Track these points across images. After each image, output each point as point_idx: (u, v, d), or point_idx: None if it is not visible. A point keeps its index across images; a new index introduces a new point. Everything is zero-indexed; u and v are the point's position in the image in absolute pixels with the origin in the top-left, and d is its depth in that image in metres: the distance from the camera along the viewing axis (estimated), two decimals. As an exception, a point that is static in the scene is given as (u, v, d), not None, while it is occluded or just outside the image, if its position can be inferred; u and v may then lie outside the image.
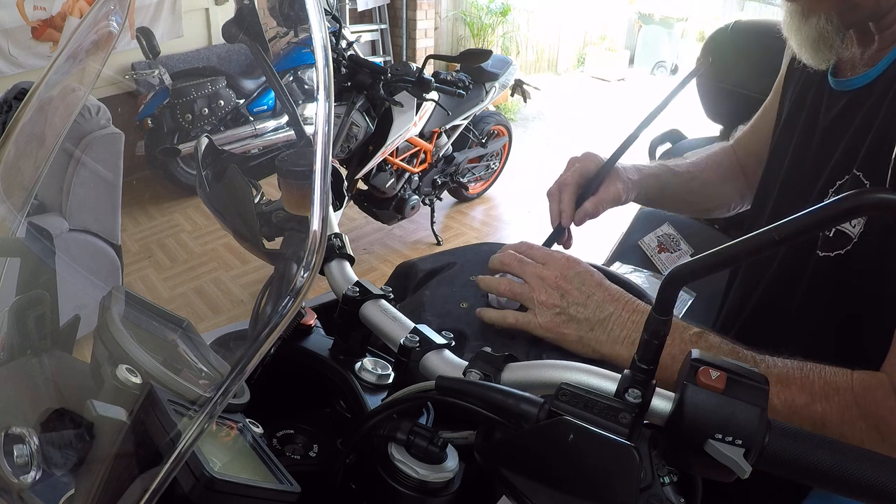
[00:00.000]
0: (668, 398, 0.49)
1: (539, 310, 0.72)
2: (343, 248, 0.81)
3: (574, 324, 0.71)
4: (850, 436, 0.61)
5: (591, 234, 1.44)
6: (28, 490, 0.49)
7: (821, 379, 0.63)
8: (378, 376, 0.71)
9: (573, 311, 0.72)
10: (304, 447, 0.66)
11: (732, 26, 1.65)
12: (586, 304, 0.72)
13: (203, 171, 0.87)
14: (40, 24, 4.00)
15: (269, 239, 0.82)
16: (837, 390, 0.62)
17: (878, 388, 0.62)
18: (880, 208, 0.38)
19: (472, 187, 4.27)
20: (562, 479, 0.49)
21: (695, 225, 1.62)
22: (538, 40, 7.95)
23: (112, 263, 2.10)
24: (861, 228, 0.75)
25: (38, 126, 0.77)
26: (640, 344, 0.48)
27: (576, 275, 0.74)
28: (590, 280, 0.74)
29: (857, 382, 0.63)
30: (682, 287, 0.46)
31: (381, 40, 6.51)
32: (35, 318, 0.66)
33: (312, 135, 0.48)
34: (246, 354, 0.45)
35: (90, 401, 0.52)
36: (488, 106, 3.89)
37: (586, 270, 0.75)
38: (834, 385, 0.63)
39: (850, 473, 0.44)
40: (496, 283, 0.76)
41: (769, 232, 0.41)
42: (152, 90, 3.36)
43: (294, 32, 1.10)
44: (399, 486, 0.55)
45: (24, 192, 0.75)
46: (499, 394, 0.52)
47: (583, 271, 0.75)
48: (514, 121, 6.06)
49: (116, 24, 0.78)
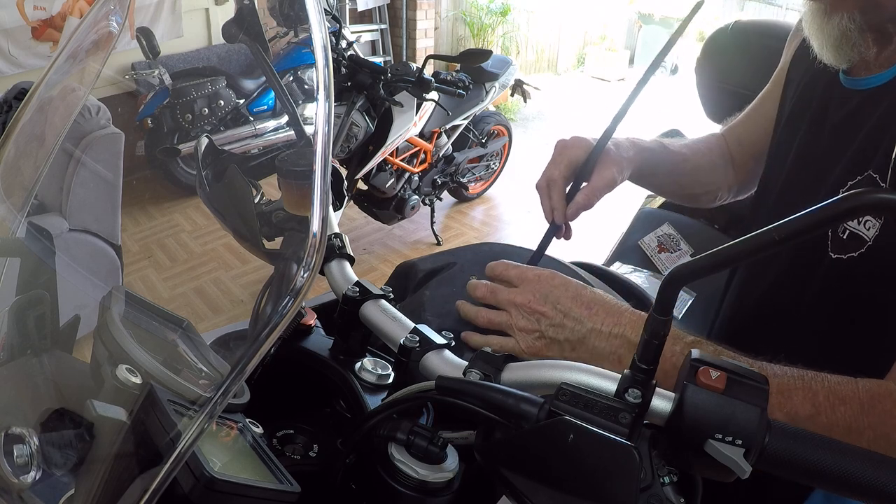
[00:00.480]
0: (668, 398, 0.49)
1: (519, 336, 0.71)
2: (343, 248, 0.81)
3: (556, 346, 0.70)
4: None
5: (592, 234, 1.43)
6: (28, 490, 0.49)
7: (824, 389, 0.61)
8: (378, 376, 0.71)
9: (552, 333, 0.69)
10: (304, 447, 0.66)
11: (732, 26, 1.65)
12: (563, 324, 0.69)
13: (203, 171, 0.87)
14: (40, 24, 4.00)
15: (269, 239, 0.82)
16: (843, 400, 0.60)
17: (887, 397, 0.60)
18: (880, 208, 0.38)
19: (472, 187, 4.27)
20: (562, 479, 0.49)
21: (695, 225, 1.62)
22: (538, 40, 7.95)
23: (112, 263, 2.10)
24: (876, 232, 0.74)
25: (38, 126, 0.77)
26: (640, 344, 0.48)
27: (549, 294, 0.71)
28: (564, 296, 0.71)
29: (863, 392, 0.61)
30: (682, 287, 0.46)
31: (381, 40, 6.51)
32: (35, 318, 0.66)
33: (312, 135, 0.48)
34: (246, 354, 0.45)
35: (90, 401, 0.52)
36: (488, 106, 3.89)
37: (561, 285, 0.72)
38: (839, 395, 0.61)
39: (851, 473, 0.44)
40: (474, 313, 0.74)
41: (769, 232, 0.41)
42: (152, 90, 3.36)
43: (294, 32, 1.10)
44: (399, 486, 0.55)
45: (24, 192, 0.75)
46: (499, 394, 0.52)
47: (557, 286, 0.72)
48: (514, 121, 6.06)
49: (116, 24, 0.78)
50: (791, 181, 0.92)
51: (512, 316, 0.71)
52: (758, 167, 1.10)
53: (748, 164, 1.11)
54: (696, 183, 1.12)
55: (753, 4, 7.62)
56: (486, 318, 0.73)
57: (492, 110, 4.21)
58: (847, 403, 0.60)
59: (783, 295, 0.89)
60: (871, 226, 0.75)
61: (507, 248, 0.90)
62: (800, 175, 0.90)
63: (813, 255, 0.82)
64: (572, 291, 0.71)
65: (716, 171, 1.12)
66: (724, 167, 1.13)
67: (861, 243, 0.76)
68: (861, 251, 0.76)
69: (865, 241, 0.75)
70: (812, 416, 0.60)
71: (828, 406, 0.60)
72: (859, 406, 0.60)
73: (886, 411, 0.60)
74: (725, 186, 1.13)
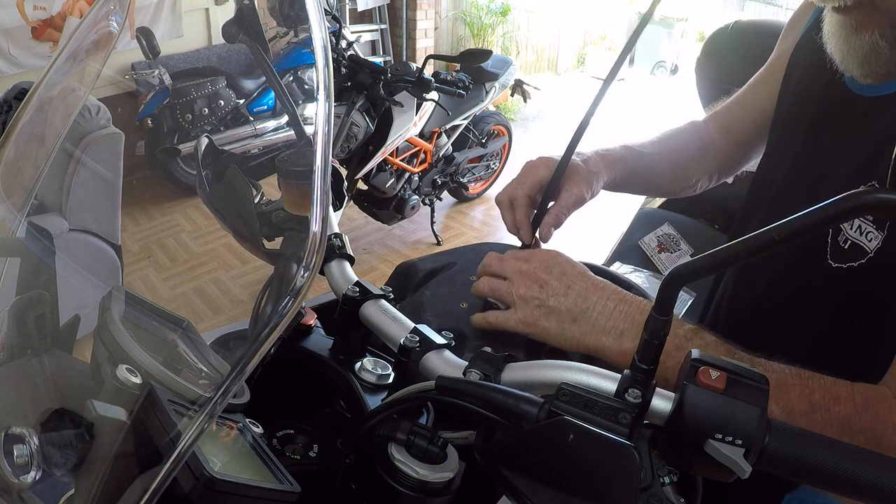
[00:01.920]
0: (668, 398, 0.49)
1: (518, 304, 0.70)
2: (343, 248, 0.81)
3: (555, 316, 0.69)
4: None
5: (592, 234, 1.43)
6: (28, 490, 0.49)
7: (821, 388, 0.61)
8: (378, 376, 0.71)
9: (553, 302, 0.69)
10: (304, 447, 0.66)
11: (732, 26, 1.66)
12: (567, 293, 0.69)
13: (203, 171, 0.87)
14: (40, 24, 4.00)
15: (269, 239, 0.82)
16: (838, 400, 0.60)
17: (881, 401, 0.61)
18: (880, 208, 0.38)
19: (472, 187, 4.27)
20: (562, 479, 0.49)
21: (695, 225, 1.62)
22: (538, 40, 7.95)
23: (112, 263, 2.11)
24: (878, 244, 0.73)
25: (38, 126, 0.77)
26: (640, 344, 0.48)
27: (556, 265, 0.71)
28: (572, 270, 0.71)
29: (858, 394, 0.61)
30: (682, 287, 0.46)
31: (381, 40, 6.51)
32: (35, 318, 0.66)
33: (312, 135, 0.48)
34: (246, 354, 0.45)
35: (90, 401, 0.52)
36: (488, 106, 3.89)
37: (568, 261, 0.72)
38: (835, 394, 0.61)
39: (851, 473, 0.44)
40: (478, 284, 0.74)
41: (769, 232, 0.41)
42: (152, 90, 3.36)
43: (294, 32, 1.10)
44: (399, 486, 0.55)
45: (24, 192, 0.75)
46: (499, 394, 0.52)
47: (564, 261, 0.72)
48: (514, 121, 6.06)
49: (116, 24, 0.78)
50: (789, 183, 0.91)
51: (514, 283, 0.71)
52: (741, 153, 1.11)
53: (731, 150, 1.11)
54: (673, 181, 1.12)
55: (753, 4, 7.63)
56: (488, 284, 0.73)
57: (492, 110, 4.21)
58: (842, 403, 0.60)
59: (779, 298, 0.89)
60: (873, 237, 0.74)
61: (507, 248, 0.90)
62: (798, 177, 0.90)
63: (810, 260, 0.82)
64: (580, 269, 0.72)
65: (693, 165, 1.11)
66: (702, 158, 1.11)
67: (862, 254, 0.75)
68: (861, 261, 0.75)
69: (867, 253, 0.74)
70: (808, 413, 0.60)
71: (823, 404, 0.60)
72: (853, 407, 0.60)
73: (880, 415, 0.60)
74: (706, 175, 1.13)
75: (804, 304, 0.84)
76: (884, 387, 0.63)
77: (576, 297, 0.69)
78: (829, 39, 0.79)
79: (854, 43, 0.74)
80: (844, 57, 0.77)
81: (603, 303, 0.68)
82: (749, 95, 1.09)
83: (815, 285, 0.82)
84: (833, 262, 0.78)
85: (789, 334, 0.85)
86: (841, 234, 0.77)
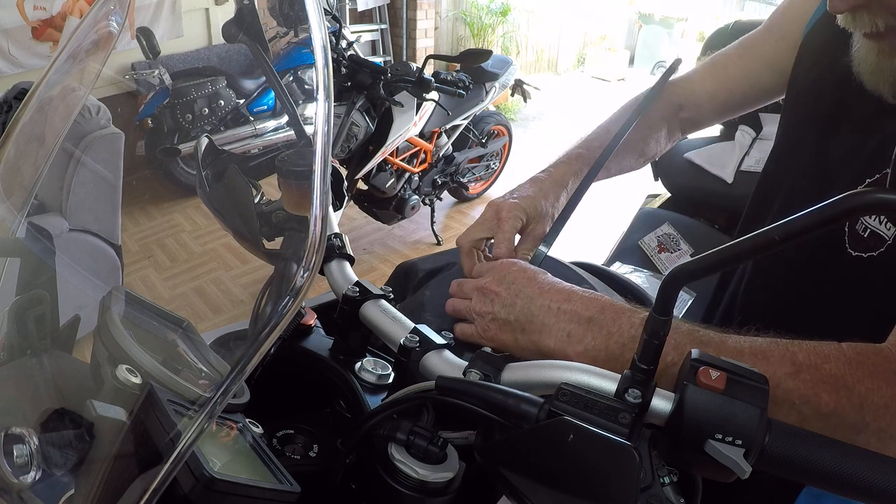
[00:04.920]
0: (668, 398, 0.49)
1: (476, 320, 0.70)
2: (343, 248, 0.81)
3: (507, 327, 0.68)
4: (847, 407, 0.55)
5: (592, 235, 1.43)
6: (28, 490, 0.49)
7: (804, 350, 0.58)
8: (378, 376, 0.71)
9: (504, 313, 0.68)
10: (304, 447, 0.66)
11: (732, 26, 1.66)
12: (514, 303, 0.68)
13: (203, 171, 0.87)
14: (40, 24, 4.00)
15: (269, 239, 0.82)
16: (827, 358, 0.57)
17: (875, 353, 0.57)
18: (880, 208, 0.38)
19: (472, 187, 4.27)
20: (562, 480, 0.49)
21: (695, 225, 1.63)
22: (538, 40, 7.95)
23: (112, 263, 2.10)
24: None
25: (38, 126, 0.77)
26: (640, 344, 0.48)
27: (507, 275, 0.71)
28: (521, 277, 0.70)
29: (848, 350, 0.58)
30: (682, 287, 0.46)
31: (381, 40, 6.51)
32: (35, 318, 0.66)
33: (312, 135, 0.48)
34: (246, 354, 0.45)
35: (90, 401, 0.52)
36: (488, 106, 3.89)
37: (521, 269, 0.71)
38: (822, 354, 0.58)
39: (851, 473, 0.44)
40: (446, 306, 0.75)
41: (770, 232, 0.41)
42: (152, 90, 3.35)
43: (294, 32, 1.10)
44: (399, 486, 0.55)
45: (24, 192, 0.75)
46: (499, 394, 0.52)
47: (516, 270, 0.71)
48: (514, 121, 6.06)
49: (116, 24, 0.78)
50: (801, 183, 0.91)
51: (473, 300, 0.72)
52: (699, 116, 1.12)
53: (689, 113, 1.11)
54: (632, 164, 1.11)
55: (753, 4, 7.63)
56: (451, 306, 0.75)
57: (492, 110, 4.21)
58: (832, 361, 0.57)
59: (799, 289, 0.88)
60: (892, 226, 0.73)
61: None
62: (810, 175, 0.89)
63: (829, 250, 0.81)
64: (529, 274, 0.71)
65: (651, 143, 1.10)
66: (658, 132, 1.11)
67: (881, 242, 0.74)
68: (881, 250, 0.74)
69: (885, 241, 0.74)
70: (793, 374, 0.57)
71: (810, 363, 0.57)
72: (846, 362, 0.57)
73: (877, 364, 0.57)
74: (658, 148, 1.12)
75: (825, 296, 0.83)
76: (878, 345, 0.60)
77: (522, 304, 0.68)
78: (860, 64, 0.78)
79: (886, 66, 0.73)
80: (875, 79, 0.76)
81: (547, 305, 0.66)
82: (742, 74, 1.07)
83: (836, 275, 0.81)
84: (853, 250, 0.78)
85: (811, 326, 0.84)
86: (859, 222, 0.77)
